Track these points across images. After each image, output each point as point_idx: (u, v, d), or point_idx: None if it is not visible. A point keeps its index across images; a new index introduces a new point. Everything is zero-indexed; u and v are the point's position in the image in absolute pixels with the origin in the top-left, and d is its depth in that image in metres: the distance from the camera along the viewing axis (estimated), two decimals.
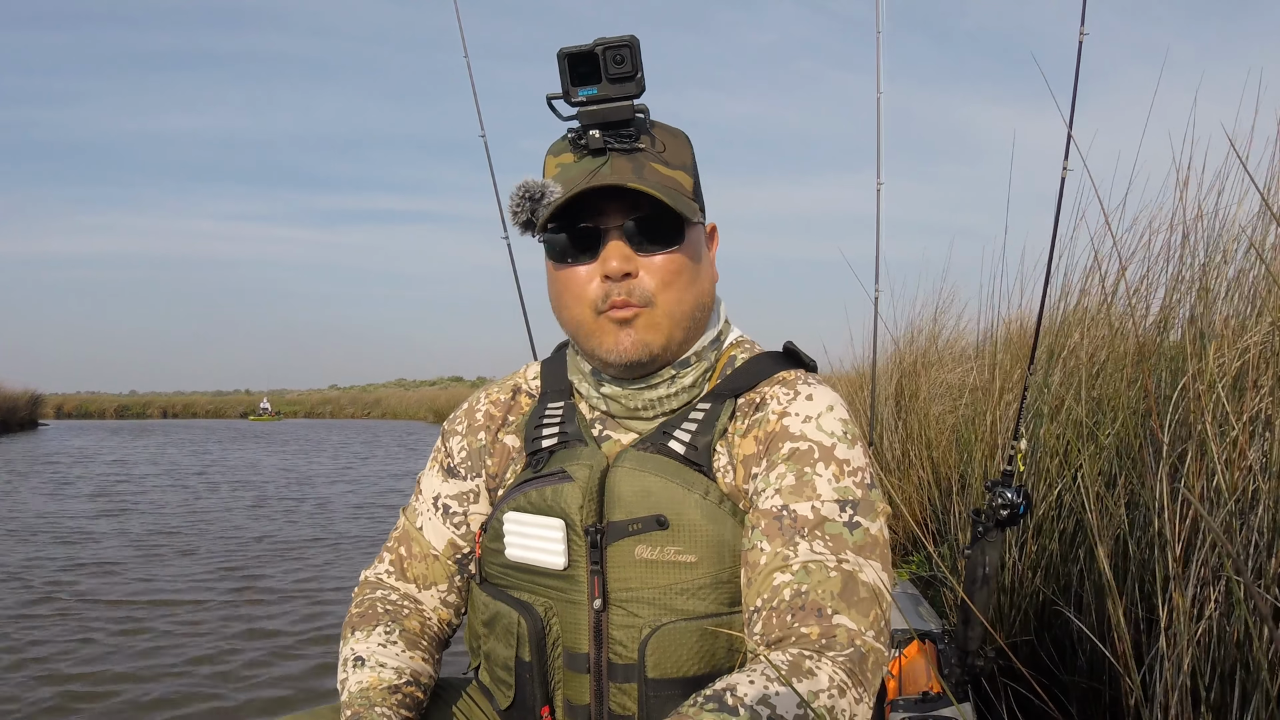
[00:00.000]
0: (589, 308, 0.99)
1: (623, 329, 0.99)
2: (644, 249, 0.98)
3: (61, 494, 9.69)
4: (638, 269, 0.98)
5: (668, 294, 0.99)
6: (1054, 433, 2.22)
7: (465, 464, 1.13)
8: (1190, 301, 1.98)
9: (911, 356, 4.46)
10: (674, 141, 1.02)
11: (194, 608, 4.45)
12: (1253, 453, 1.41)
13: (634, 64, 0.92)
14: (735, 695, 0.79)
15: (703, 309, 1.04)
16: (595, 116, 0.95)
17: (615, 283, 0.98)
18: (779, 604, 0.88)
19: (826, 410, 0.99)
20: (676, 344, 1.02)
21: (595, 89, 0.94)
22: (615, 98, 0.94)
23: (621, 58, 0.92)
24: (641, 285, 0.98)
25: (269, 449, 19.01)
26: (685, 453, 0.99)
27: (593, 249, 0.98)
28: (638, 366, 1.00)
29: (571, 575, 1.00)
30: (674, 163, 1.01)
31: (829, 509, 0.93)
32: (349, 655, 1.05)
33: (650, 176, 0.97)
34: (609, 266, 0.97)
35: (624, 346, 0.99)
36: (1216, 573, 1.38)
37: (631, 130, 0.97)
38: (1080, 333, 2.39)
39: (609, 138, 0.96)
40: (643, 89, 0.95)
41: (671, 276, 0.99)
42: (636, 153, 0.98)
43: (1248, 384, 1.51)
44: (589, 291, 0.99)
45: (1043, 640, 2.07)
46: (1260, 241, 1.84)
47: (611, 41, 0.92)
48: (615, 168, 0.96)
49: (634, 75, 0.93)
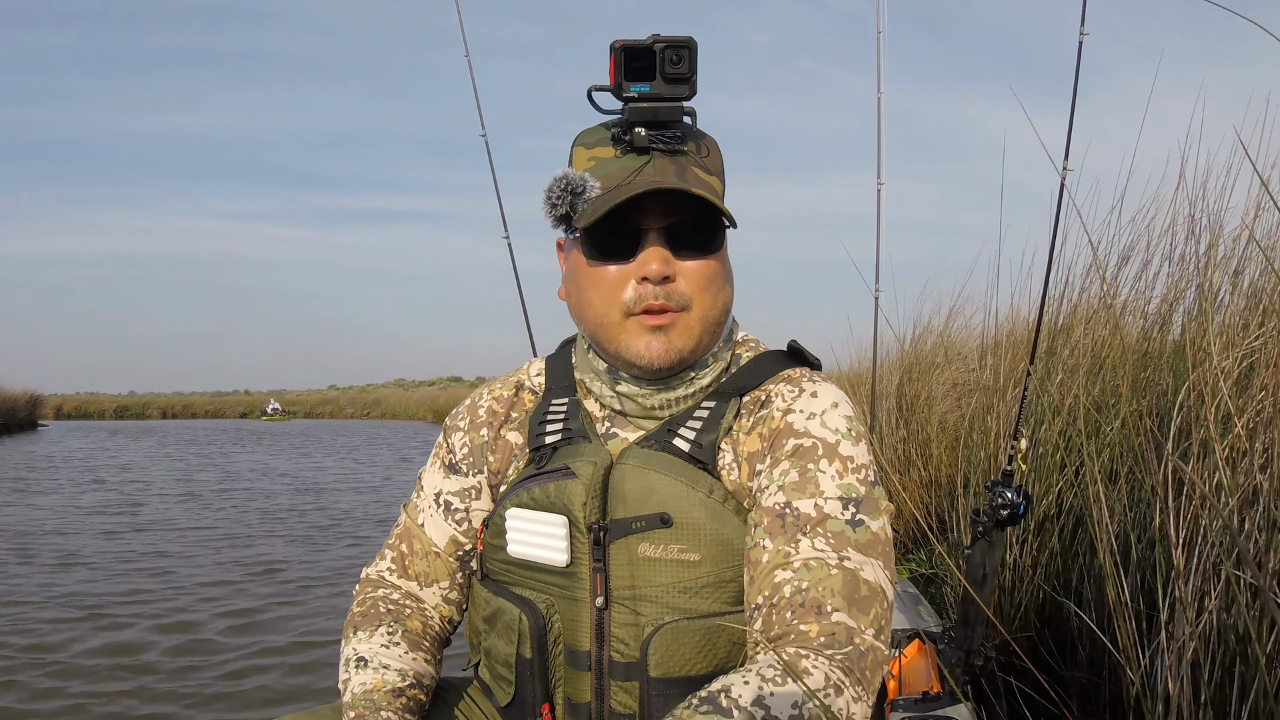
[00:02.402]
0: (618, 308, 0.98)
1: (655, 335, 0.97)
2: (683, 253, 0.97)
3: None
4: (676, 273, 0.97)
5: (704, 299, 0.98)
6: (1055, 430, 2.22)
7: (467, 460, 1.12)
8: (1189, 299, 1.99)
9: (914, 356, 4.46)
10: (709, 145, 1.01)
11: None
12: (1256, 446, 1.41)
13: (691, 65, 0.91)
14: (730, 696, 0.79)
15: (728, 312, 1.03)
16: (644, 114, 0.94)
17: (653, 285, 0.96)
18: (779, 601, 0.88)
19: (831, 407, 0.99)
20: (702, 349, 1.01)
21: (649, 86, 0.92)
22: (668, 97, 0.93)
23: (679, 58, 0.91)
24: (679, 290, 0.97)
25: (305, 455, 17.10)
26: (690, 450, 0.99)
27: (630, 250, 0.97)
28: (664, 370, 1.00)
29: (574, 572, 0.99)
30: (712, 168, 1.00)
31: (832, 506, 0.92)
32: (351, 655, 1.05)
33: (692, 180, 0.96)
34: (649, 269, 0.95)
35: (654, 353, 0.97)
36: (1217, 567, 1.38)
37: (678, 132, 0.96)
38: (1080, 331, 2.39)
39: (654, 137, 0.95)
40: (695, 91, 0.94)
41: (707, 282, 0.98)
42: (679, 155, 0.96)
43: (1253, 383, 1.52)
44: (621, 292, 0.97)
45: (1043, 637, 2.08)
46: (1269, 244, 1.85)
47: (671, 40, 0.91)
48: (658, 168, 0.95)
49: (689, 77, 0.92)
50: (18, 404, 27.76)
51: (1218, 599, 1.36)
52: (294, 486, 10.69)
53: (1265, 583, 1.28)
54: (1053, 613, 2.09)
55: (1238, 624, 1.32)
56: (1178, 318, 2.05)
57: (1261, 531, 1.33)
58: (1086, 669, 1.87)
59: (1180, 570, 1.41)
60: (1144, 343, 2.10)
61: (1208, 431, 1.45)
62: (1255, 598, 1.30)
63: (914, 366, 4.36)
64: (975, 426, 2.89)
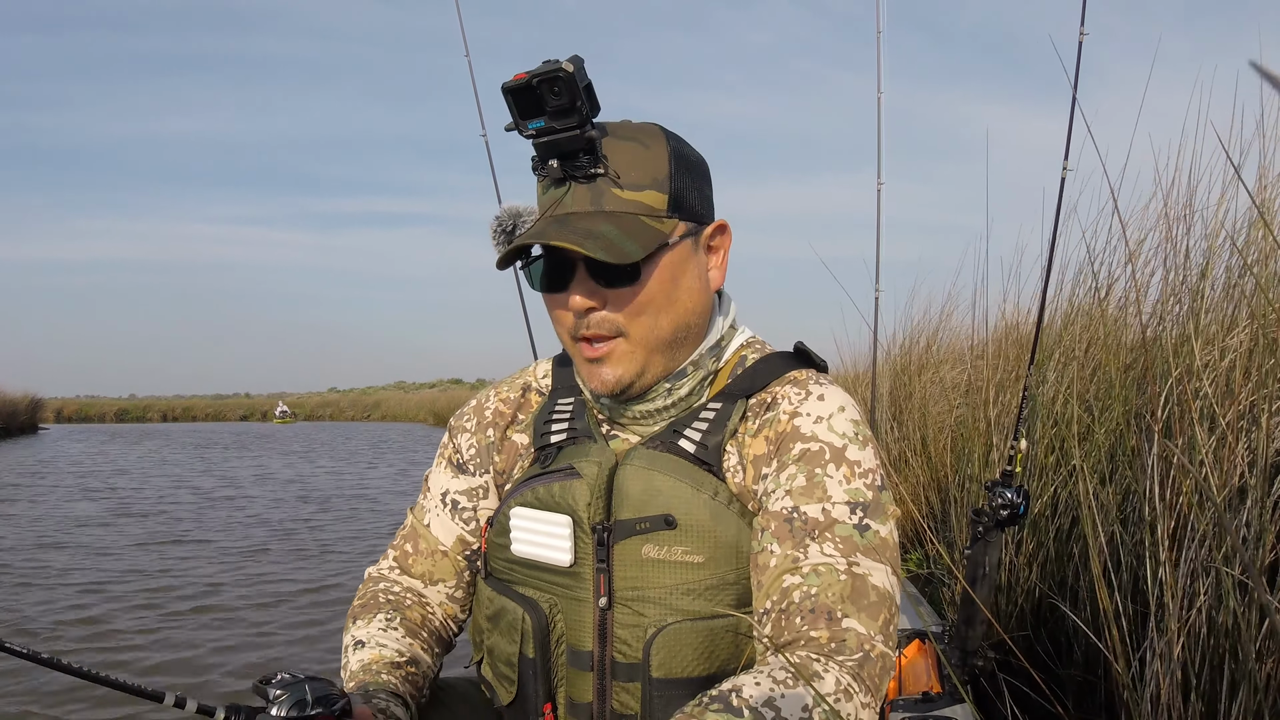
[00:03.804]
0: (568, 334, 1.00)
1: (595, 365, 0.99)
2: (612, 283, 0.96)
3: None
4: (605, 300, 0.97)
5: (639, 323, 0.97)
6: (1048, 431, 2.24)
7: (474, 460, 1.13)
8: (1181, 300, 2.01)
9: (904, 359, 4.47)
10: (642, 154, 0.95)
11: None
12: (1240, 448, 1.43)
13: (570, 95, 0.87)
14: (741, 696, 0.80)
15: (687, 327, 1.00)
16: (550, 149, 0.93)
17: (580, 317, 0.97)
18: (788, 606, 0.88)
19: (838, 411, 0.99)
20: (658, 368, 1.00)
21: (542, 121, 0.90)
22: (560, 129, 0.90)
23: (558, 90, 0.87)
24: (608, 318, 0.97)
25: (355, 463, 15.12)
26: (695, 452, 0.99)
27: (563, 281, 0.97)
28: (619, 395, 1.01)
29: (577, 572, 1.00)
30: (642, 182, 0.95)
31: (840, 511, 0.92)
32: (350, 642, 1.06)
33: (609, 204, 0.94)
34: (572, 302, 0.96)
35: (597, 382, 0.99)
36: (1206, 565, 1.40)
37: (586, 159, 0.93)
38: (1074, 333, 2.41)
39: (566, 167, 0.94)
40: (587, 118, 0.90)
41: (639, 309, 0.97)
42: (596, 179, 0.94)
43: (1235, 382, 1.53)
44: (565, 321, 0.99)
45: (1039, 636, 2.09)
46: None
47: (542, 73, 0.87)
48: (575, 198, 0.95)
49: (573, 106, 0.88)
50: (18, 407, 27.74)
51: (1207, 595, 1.37)
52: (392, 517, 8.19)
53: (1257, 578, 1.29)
54: (1049, 612, 2.11)
55: (1226, 620, 1.34)
56: (1169, 318, 2.06)
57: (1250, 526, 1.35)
58: (1082, 667, 1.88)
59: (1168, 566, 1.43)
60: (1138, 351, 2.11)
61: (1193, 430, 1.46)
62: (1244, 593, 1.31)
63: (905, 369, 4.37)
64: (967, 427, 2.91)
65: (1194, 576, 1.40)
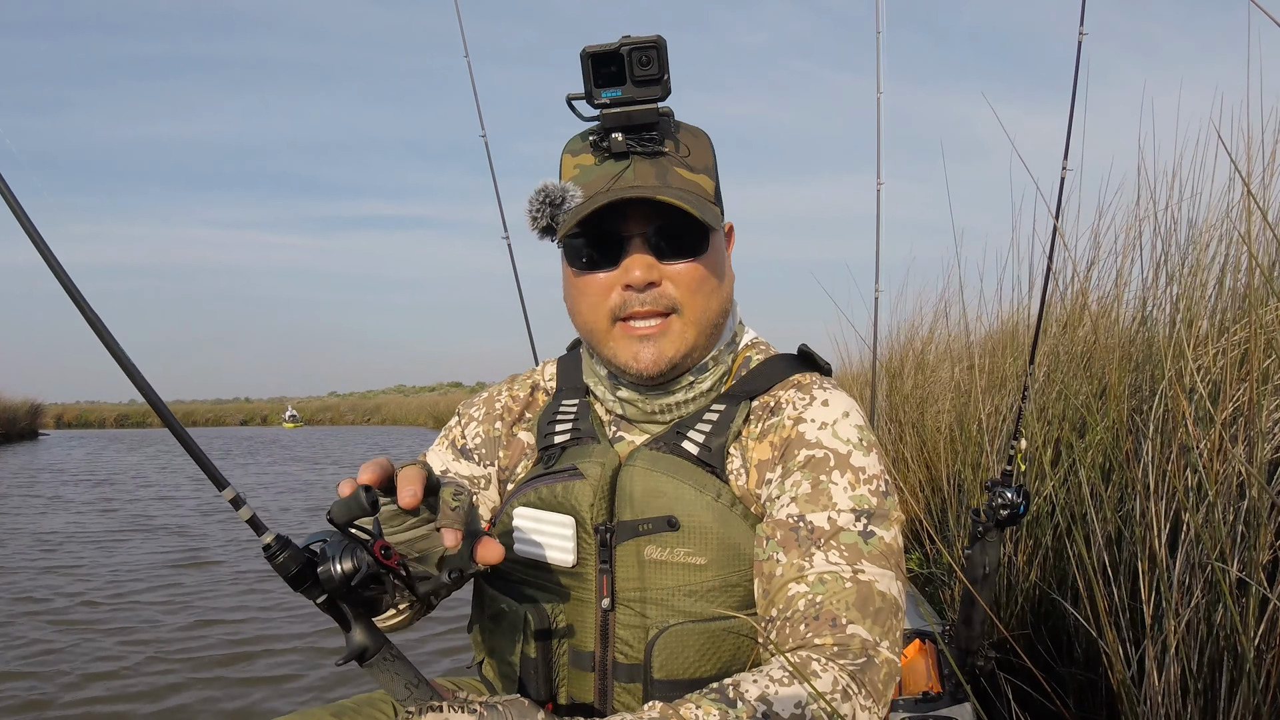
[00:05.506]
0: (606, 315, 0.99)
1: (642, 343, 0.98)
2: (667, 257, 0.96)
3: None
4: (661, 277, 0.96)
5: (694, 302, 0.98)
6: (1044, 431, 2.24)
7: (480, 450, 1.12)
8: (1170, 300, 2.01)
9: (898, 360, 4.47)
10: (696, 143, 0.99)
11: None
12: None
13: (660, 66, 0.89)
14: (738, 690, 0.81)
15: (724, 314, 1.02)
16: (619, 119, 0.93)
17: (638, 292, 0.96)
18: (793, 614, 0.88)
19: (842, 416, 0.98)
20: (698, 352, 1.01)
21: (620, 90, 0.91)
22: (640, 100, 0.91)
23: (648, 59, 0.89)
24: (666, 294, 0.97)
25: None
26: (699, 454, 0.98)
27: (614, 256, 0.96)
28: (656, 377, 1.00)
29: (580, 573, 0.99)
30: (697, 166, 0.98)
31: (845, 518, 0.92)
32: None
33: (674, 182, 0.95)
34: (632, 276, 0.95)
35: (643, 361, 0.98)
36: (1203, 564, 1.40)
37: (655, 134, 0.95)
38: (1071, 335, 2.41)
39: (632, 141, 0.94)
40: (668, 91, 0.91)
41: (696, 284, 0.97)
42: (660, 157, 0.95)
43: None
44: (608, 299, 0.98)
45: (1039, 634, 2.09)
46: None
47: (637, 42, 0.89)
48: (638, 172, 0.95)
49: (660, 78, 0.90)
50: (18, 413, 27.72)
51: (1203, 593, 1.37)
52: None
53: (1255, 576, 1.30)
54: (1049, 610, 2.11)
55: (1223, 618, 1.34)
56: (1160, 317, 2.07)
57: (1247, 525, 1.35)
58: (1083, 666, 1.88)
59: (1164, 566, 1.43)
60: (1130, 346, 2.12)
61: (1186, 431, 1.47)
62: (1241, 592, 1.32)
63: (900, 370, 4.37)
64: (963, 427, 2.91)
65: (1190, 574, 1.40)
